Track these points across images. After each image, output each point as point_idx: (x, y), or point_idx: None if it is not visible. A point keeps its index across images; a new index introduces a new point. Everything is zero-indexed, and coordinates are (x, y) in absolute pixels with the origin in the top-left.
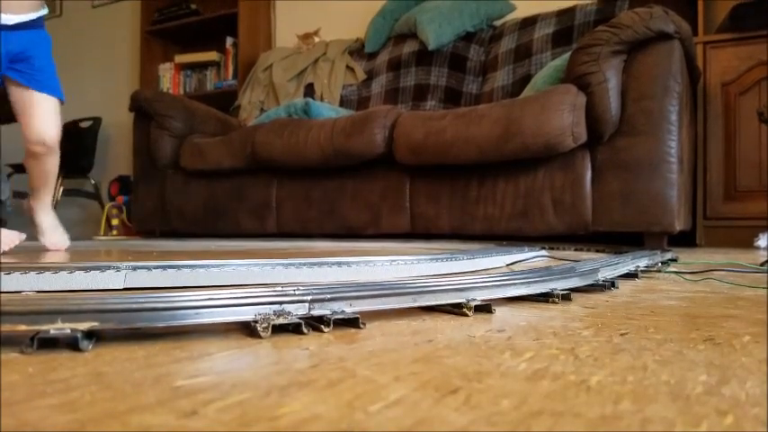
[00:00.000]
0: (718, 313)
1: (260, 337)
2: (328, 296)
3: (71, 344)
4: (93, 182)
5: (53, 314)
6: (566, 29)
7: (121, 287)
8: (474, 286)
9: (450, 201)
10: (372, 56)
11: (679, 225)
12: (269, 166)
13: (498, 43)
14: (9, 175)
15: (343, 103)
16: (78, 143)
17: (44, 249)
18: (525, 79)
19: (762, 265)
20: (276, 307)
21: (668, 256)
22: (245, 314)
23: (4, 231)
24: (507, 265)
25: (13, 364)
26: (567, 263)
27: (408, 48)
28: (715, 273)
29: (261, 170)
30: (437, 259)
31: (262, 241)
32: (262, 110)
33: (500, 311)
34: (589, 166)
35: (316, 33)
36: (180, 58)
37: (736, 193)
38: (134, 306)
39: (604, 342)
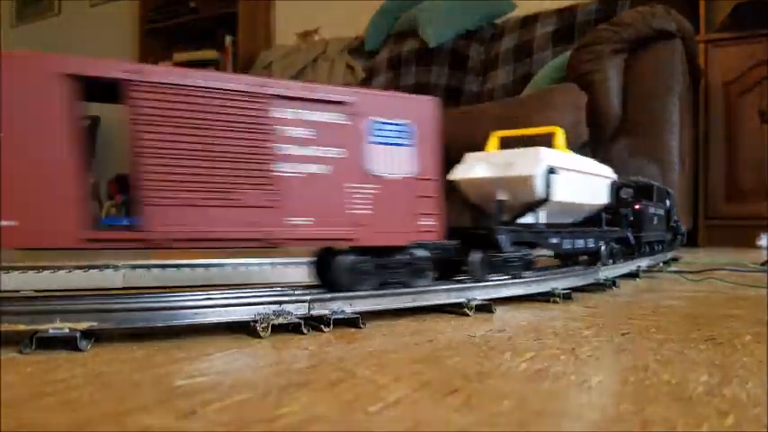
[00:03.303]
0: (720, 313)
1: (259, 337)
2: (328, 296)
3: (70, 343)
4: (91, 181)
5: (51, 314)
6: (567, 27)
7: (120, 286)
8: (474, 286)
9: None
10: (372, 54)
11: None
12: None
13: (499, 42)
14: None
15: None
16: None
17: None
18: (526, 78)
19: (763, 264)
20: (276, 307)
21: (669, 255)
22: (245, 314)
23: None
24: None
25: (12, 363)
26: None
27: (408, 46)
28: (716, 272)
29: None
30: None
31: None
32: None
33: (501, 311)
34: None
35: (315, 32)
36: (178, 57)
37: (737, 192)
38: (133, 306)
39: (605, 342)
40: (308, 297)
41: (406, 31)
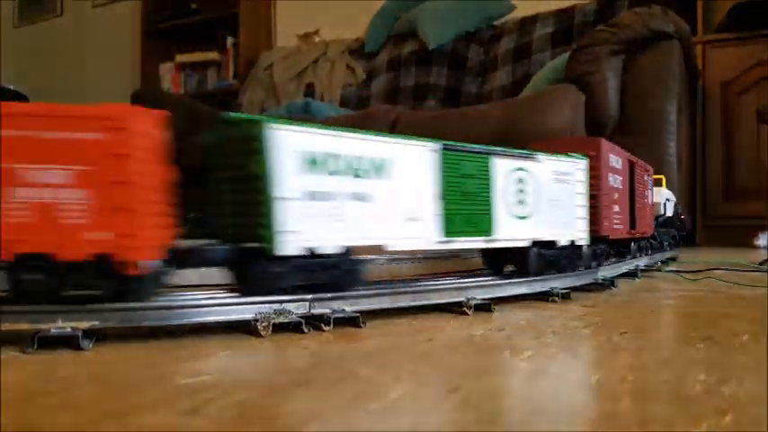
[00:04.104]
0: (718, 312)
1: (260, 336)
2: (328, 295)
3: (72, 343)
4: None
5: (53, 313)
6: (565, 29)
7: None
8: (474, 285)
9: None
10: (372, 55)
11: None
12: None
13: (498, 43)
14: None
15: (343, 102)
16: None
17: None
18: (525, 79)
19: (761, 264)
20: (276, 306)
21: (667, 255)
22: (246, 313)
23: None
24: None
25: (15, 363)
26: None
27: (408, 47)
28: (714, 272)
29: None
30: (436, 258)
31: None
32: (262, 109)
33: (500, 310)
34: None
35: (316, 33)
36: (180, 58)
37: (735, 192)
38: (134, 305)
39: (604, 341)
40: (308, 296)
41: (405, 33)
